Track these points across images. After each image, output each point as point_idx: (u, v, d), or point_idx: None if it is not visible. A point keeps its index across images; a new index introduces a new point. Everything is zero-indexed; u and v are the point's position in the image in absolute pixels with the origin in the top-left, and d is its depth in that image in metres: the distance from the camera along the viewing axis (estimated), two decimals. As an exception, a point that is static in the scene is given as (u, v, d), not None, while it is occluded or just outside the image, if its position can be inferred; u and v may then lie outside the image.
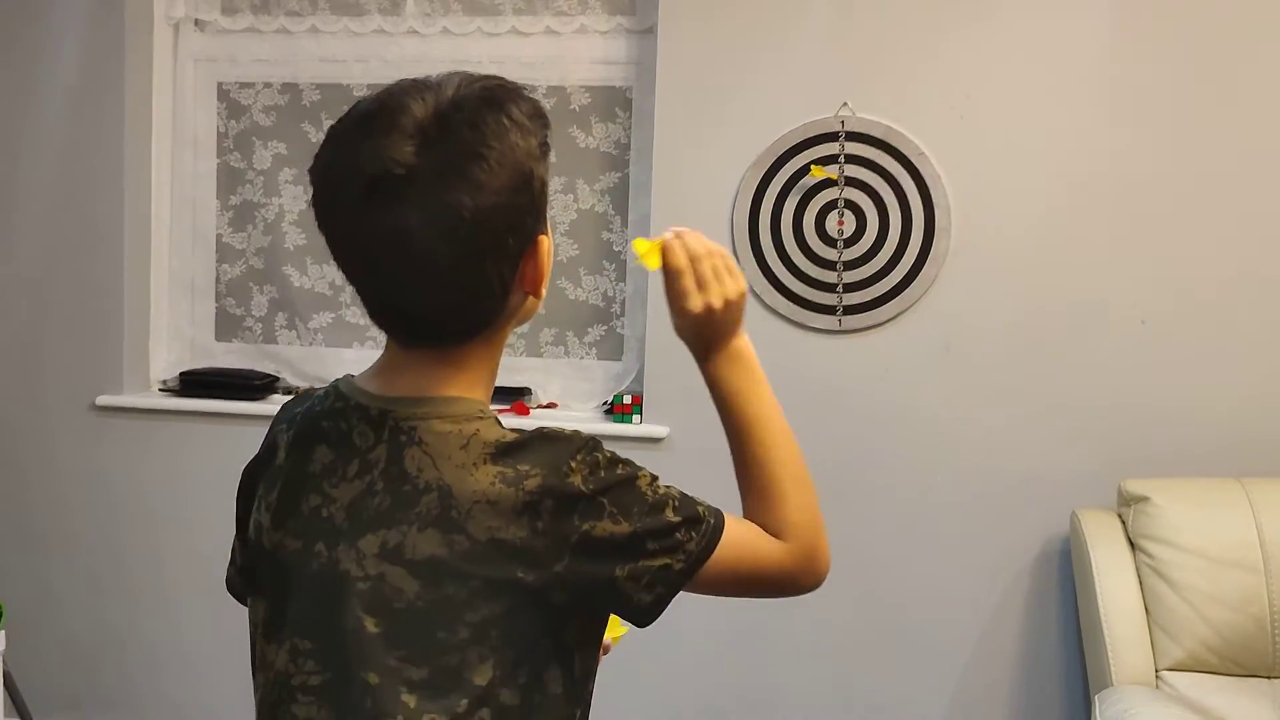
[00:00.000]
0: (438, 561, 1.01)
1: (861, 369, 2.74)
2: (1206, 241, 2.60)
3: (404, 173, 1.00)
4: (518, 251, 1.07)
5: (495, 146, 1.03)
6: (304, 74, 3.09)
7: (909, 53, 2.68)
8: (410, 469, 1.04)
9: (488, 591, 1.01)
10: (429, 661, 1.01)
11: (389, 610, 1.02)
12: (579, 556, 1.02)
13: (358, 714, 1.02)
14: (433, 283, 1.03)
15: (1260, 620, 2.29)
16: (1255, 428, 2.57)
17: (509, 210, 1.04)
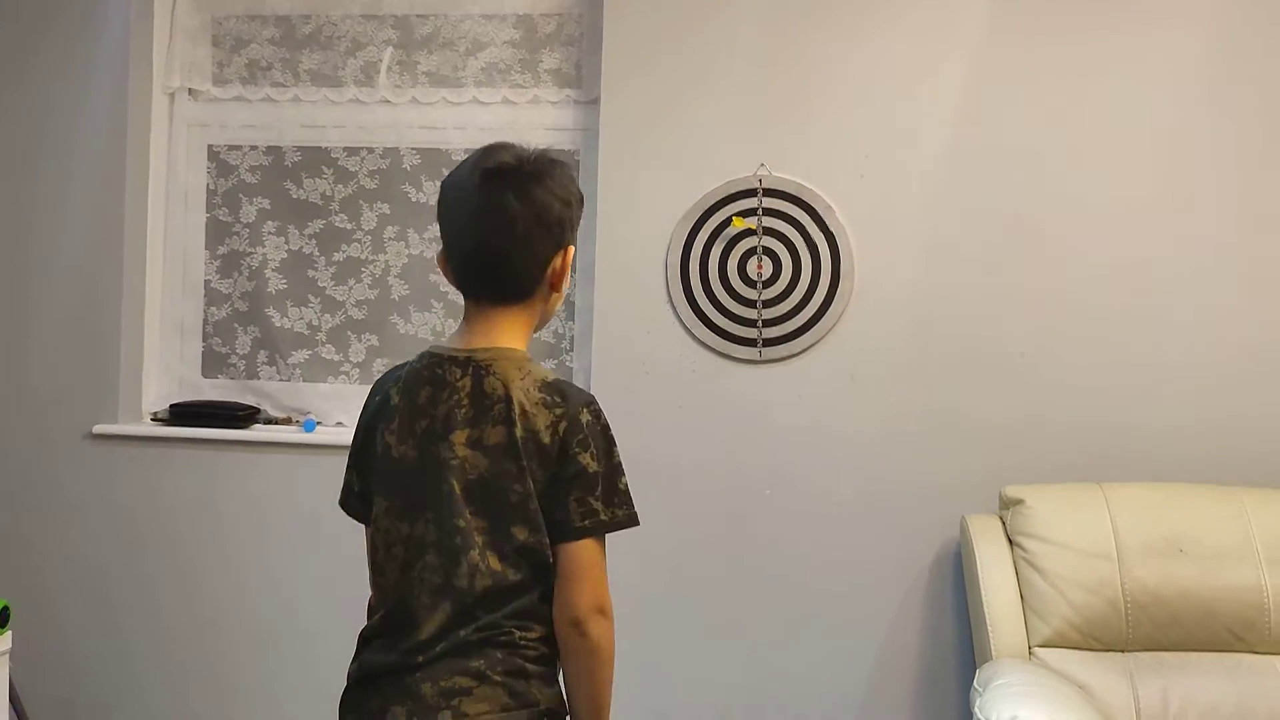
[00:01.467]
0: (501, 446, 1.59)
1: (779, 394, 3.10)
2: (1073, 283, 2.98)
3: (510, 165, 1.64)
4: (556, 245, 1.67)
5: (559, 177, 1.67)
6: (287, 137, 3.45)
7: (816, 120, 3.08)
8: (488, 389, 1.62)
9: (524, 474, 1.58)
10: (489, 515, 1.59)
11: (466, 479, 1.60)
12: (562, 468, 1.59)
13: (454, 553, 1.59)
14: (512, 241, 1.62)
15: (1114, 602, 2.64)
16: (1112, 443, 2.95)
17: (560, 214, 1.66)
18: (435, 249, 3.35)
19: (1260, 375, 2.93)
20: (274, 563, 3.30)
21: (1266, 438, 2.91)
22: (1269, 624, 2.61)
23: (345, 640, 3.23)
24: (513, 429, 1.59)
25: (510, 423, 1.59)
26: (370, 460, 1.72)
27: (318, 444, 3.29)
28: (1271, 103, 2.93)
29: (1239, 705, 2.55)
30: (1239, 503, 2.72)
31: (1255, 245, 2.94)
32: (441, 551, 1.62)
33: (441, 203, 1.70)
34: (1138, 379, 2.97)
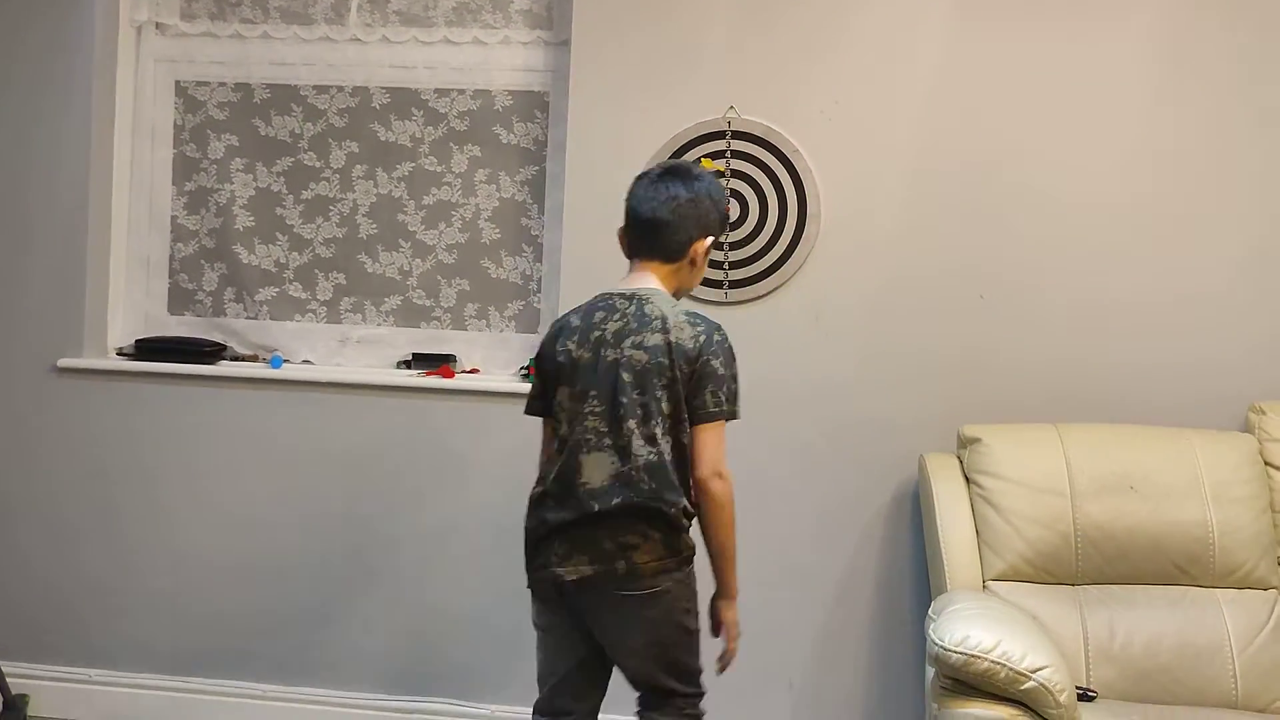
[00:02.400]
0: (657, 346, 2.21)
1: (745, 336, 3.09)
2: (1033, 225, 3.05)
3: (683, 165, 2.41)
4: (699, 232, 2.33)
5: (715, 189, 2.38)
6: (256, 74, 3.44)
7: (786, 65, 3.11)
8: (648, 312, 2.26)
9: (669, 370, 2.20)
10: (647, 395, 2.19)
11: (632, 369, 2.21)
12: (699, 367, 2.22)
13: (617, 423, 2.20)
14: (673, 217, 2.31)
15: (1066, 536, 2.72)
16: (1067, 383, 3.03)
17: (708, 210, 2.35)
18: (403, 189, 3.37)
19: (1210, 320, 3.01)
20: (241, 496, 3.32)
21: (1217, 381, 2.99)
22: (1213, 559, 2.70)
23: (307, 571, 3.29)
24: (666, 335, 2.22)
25: (665, 331, 2.22)
26: (552, 365, 2.31)
27: (285, 379, 3.31)
28: (1223, 60, 3.00)
29: (1181, 636, 2.64)
30: (1188, 443, 2.80)
31: (1208, 192, 3.01)
32: (607, 420, 2.21)
33: (632, 188, 2.38)
34: (1094, 322, 3.04)
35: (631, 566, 2.17)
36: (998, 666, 2.22)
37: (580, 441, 2.21)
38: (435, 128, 3.38)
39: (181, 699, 3.32)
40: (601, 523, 2.18)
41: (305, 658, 3.30)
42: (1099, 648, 2.63)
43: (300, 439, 3.29)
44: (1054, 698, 2.22)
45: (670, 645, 2.26)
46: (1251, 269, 3.00)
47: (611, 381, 2.21)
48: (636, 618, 2.21)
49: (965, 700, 2.29)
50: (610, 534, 2.18)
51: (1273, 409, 2.88)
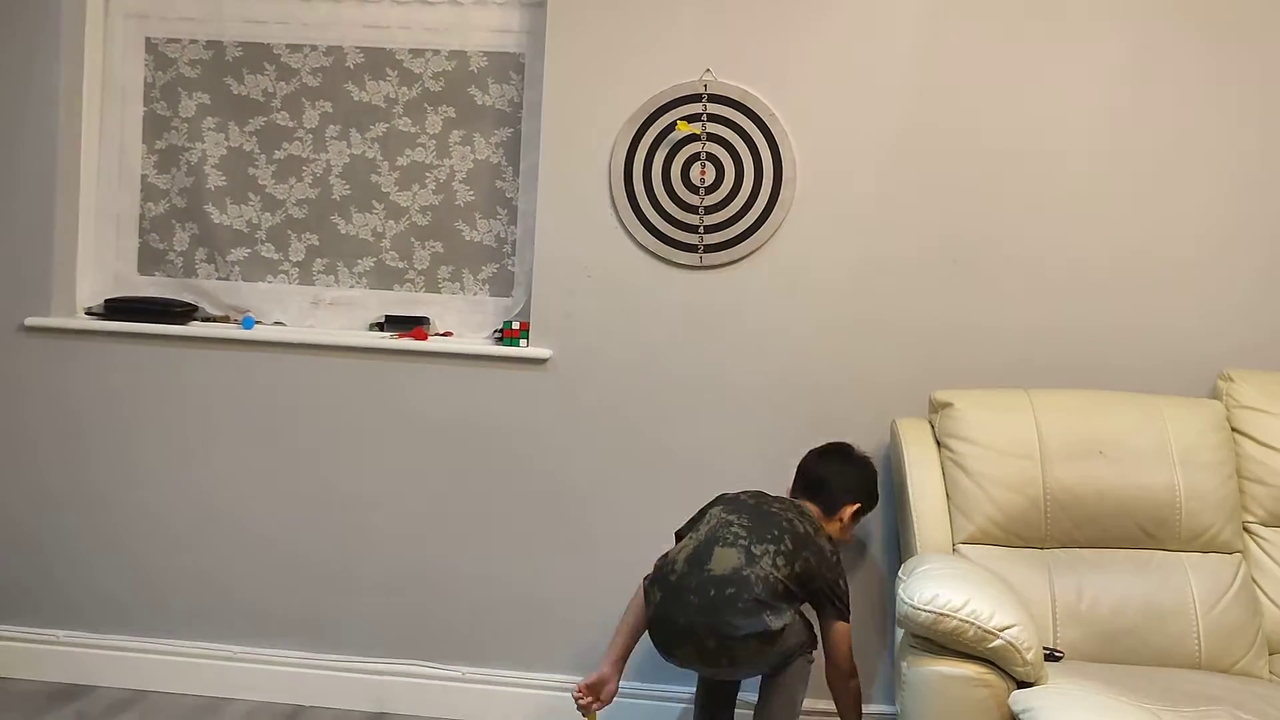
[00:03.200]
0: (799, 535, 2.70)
1: (720, 300, 3.15)
2: (1008, 192, 3.06)
3: (847, 446, 2.98)
4: (851, 499, 2.87)
5: (868, 470, 2.94)
6: (228, 32, 3.39)
7: (763, 28, 3.10)
8: (798, 510, 2.77)
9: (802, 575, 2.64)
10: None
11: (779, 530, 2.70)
12: (816, 584, 2.66)
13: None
14: (835, 481, 2.89)
15: (1036, 500, 2.74)
16: (1039, 349, 3.05)
17: (856, 484, 2.90)
18: (376, 150, 3.35)
19: (1180, 287, 3.03)
20: (212, 457, 3.30)
21: (1187, 348, 3.02)
22: (1179, 523, 2.73)
23: (278, 533, 3.27)
24: (810, 546, 2.70)
25: (811, 532, 2.74)
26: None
27: (257, 340, 3.28)
28: (1193, 27, 3.01)
29: (1147, 598, 2.67)
30: (1157, 409, 2.82)
31: (1179, 160, 3.03)
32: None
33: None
34: (1067, 289, 3.06)
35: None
36: (966, 625, 2.24)
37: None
38: (410, 88, 3.35)
39: (152, 660, 3.31)
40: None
41: (278, 618, 3.29)
42: (1066, 609, 2.66)
43: (272, 401, 3.27)
44: (1021, 655, 2.24)
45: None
46: (1221, 237, 3.03)
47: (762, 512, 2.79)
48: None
49: (934, 659, 2.30)
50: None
51: (1241, 376, 2.91)
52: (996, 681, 2.27)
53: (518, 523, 3.23)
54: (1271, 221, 3.02)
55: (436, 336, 3.32)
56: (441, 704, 3.24)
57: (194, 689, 3.29)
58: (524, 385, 3.19)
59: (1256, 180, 3.02)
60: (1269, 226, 3.02)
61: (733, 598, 2.49)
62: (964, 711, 2.26)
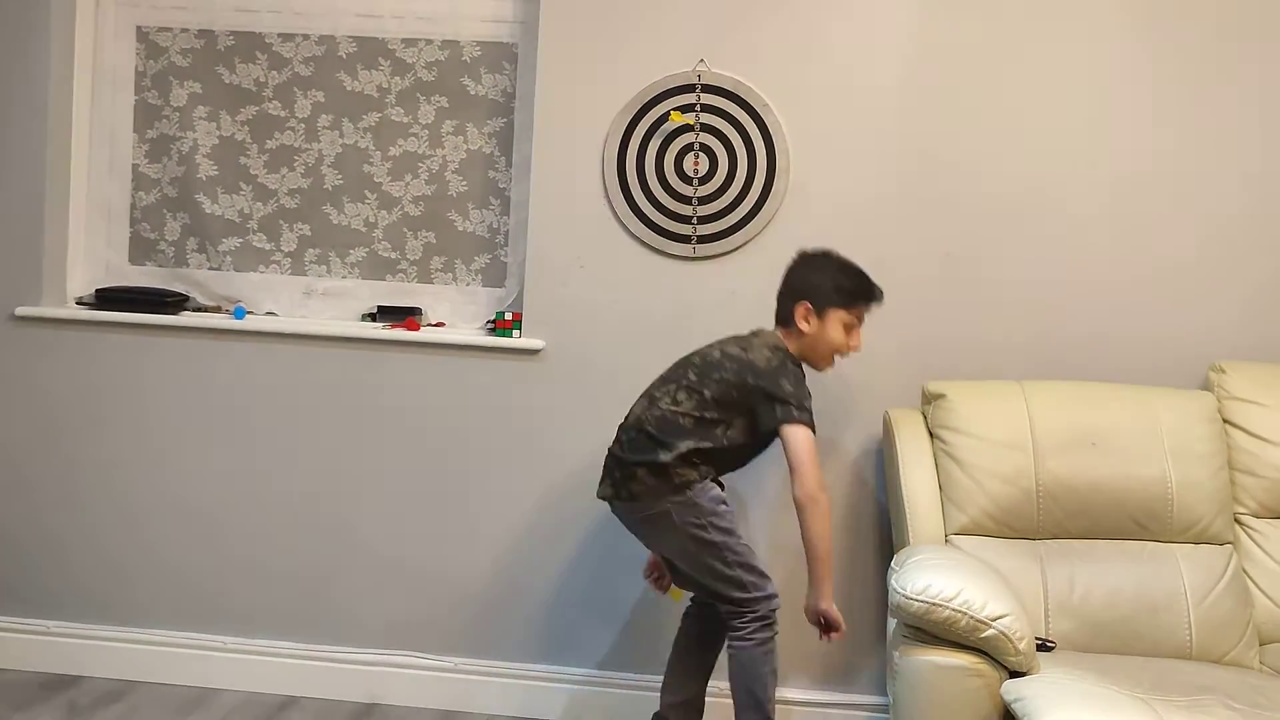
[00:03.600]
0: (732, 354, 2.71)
1: (713, 291, 3.15)
2: (1002, 185, 3.06)
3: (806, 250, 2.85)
4: (793, 299, 2.76)
5: (827, 268, 2.77)
6: (219, 21, 3.37)
7: (757, 18, 3.10)
8: (744, 334, 2.79)
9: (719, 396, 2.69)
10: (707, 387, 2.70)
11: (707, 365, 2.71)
12: (745, 394, 2.67)
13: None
14: (782, 289, 2.80)
15: (1028, 491, 2.75)
16: (1033, 342, 3.05)
17: (809, 281, 2.76)
18: (369, 140, 3.34)
19: (1174, 281, 3.04)
20: (203, 448, 3.29)
21: (1179, 341, 3.03)
22: (1171, 514, 2.73)
23: (268, 524, 3.26)
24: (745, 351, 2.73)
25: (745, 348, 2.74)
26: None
27: (248, 331, 3.27)
28: (1189, 33, 3.01)
29: (1139, 589, 2.68)
30: (1149, 401, 2.83)
31: (1173, 158, 3.03)
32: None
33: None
34: (1060, 283, 3.06)
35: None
36: (958, 614, 2.25)
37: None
38: (402, 78, 3.34)
39: (142, 650, 3.30)
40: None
41: (269, 609, 3.29)
42: (1059, 600, 2.66)
43: (264, 391, 3.26)
44: (1013, 645, 2.25)
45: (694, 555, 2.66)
46: (1215, 235, 3.03)
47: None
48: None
49: (926, 648, 2.31)
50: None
51: (1232, 368, 2.92)
52: (989, 671, 2.28)
53: (509, 513, 3.22)
54: (1265, 223, 3.02)
55: (429, 327, 3.31)
56: (432, 694, 3.24)
57: (184, 680, 3.28)
58: (517, 376, 3.19)
59: (1250, 182, 3.02)
60: (1262, 228, 3.02)
61: (632, 439, 2.69)
62: (956, 701, 2.26)
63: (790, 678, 3.14)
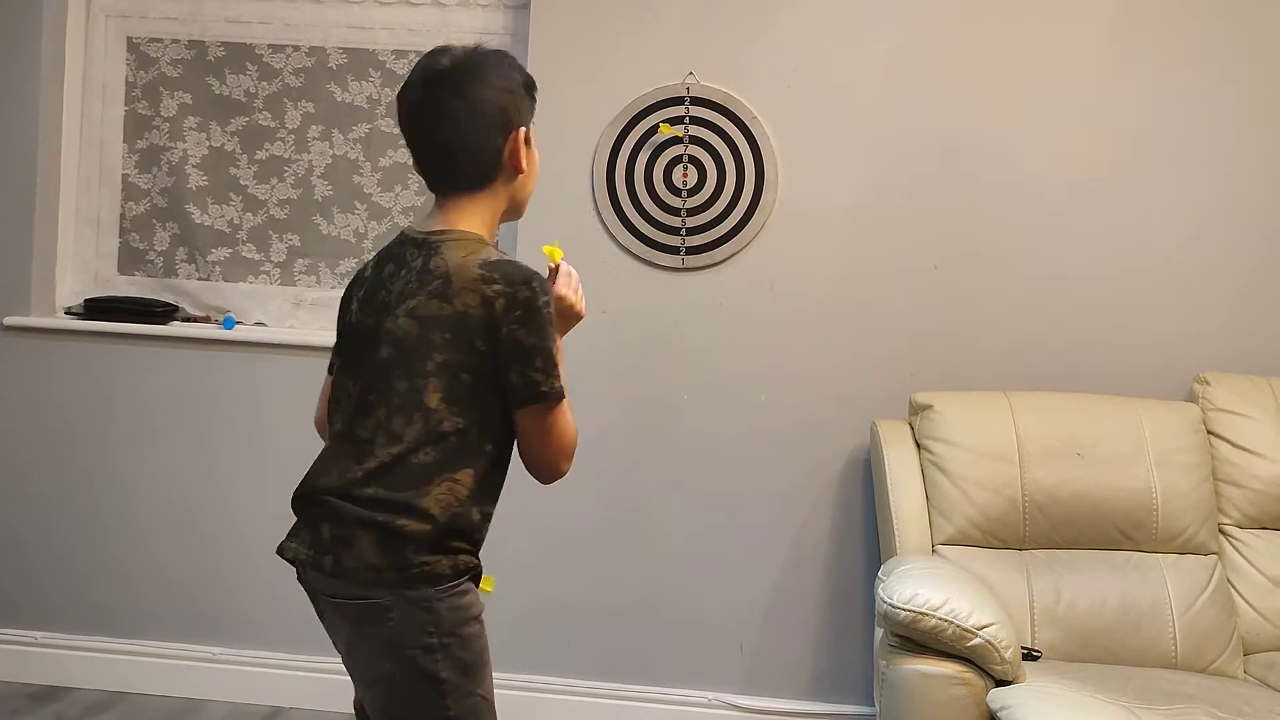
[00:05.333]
0: (431, 317, 1.66)
1: (701, 302, 3.16)
2: (988, 199, 3.08)
3: (445, 67, 1.74)
4: (504, 132, 1.74)
5: (495, 67, 1.76)
6: (210, 31, 3.39)
7: (745, 31, 3.12)
8: (432, 266, 1.69)
9: (448, 345, 1.65)
10: (407, 380, 1.67)
11: (398, 345, 1.68)
12: (503, 344, 1.64)
13: (391, 404, 1.68)
14: (455, 135, 1.72)
15: (1014, 501, 2.76)
16: (1019, 353, 3.07)
17: (501, 102, 1.74)
18: (359, 151, 3.35)
19: (1158, 293, 3.06)
20: (192, 458, 3.28)
21: (1164, 353, 3.05)
22: (1156, 524, 2.75)
23: (258, 534, 3.26)
24: (446, 304, 1.66)
25: (445, 297, 1.66)
26: (342, 324, 1.84)
27: (237, 341, 3.28)
28: (1177, 39, 3.04)
29: (1124, 599, 2.69)
30: (1134, 412, 2.85)
31: (1158, 168, 3.06)
32: (361, 407, 1.73)
33: (398, 115, 1.81)
34: (1046, 294, 3.08)
35: (338, 566, 1.69)
36: (945, 623, 2.26)
37: (349, 435, 1.74)
38: (392, 89, 3.35)
39: (131, 661, 3.29)
40: (346, 503, 1.70)
41: (257, 619, 3.28)
42: (1044, 610, 2.68)
43: (253, 401, 3.27)
44: (999, 654, 2.26)
45: (397, 691, 1.70)
46: (1199, 244, 3.06)
47: (377, 363, 1.71)
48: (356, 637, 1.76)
49: (913, 657, 2.32)
50: (339, 516, 1.70)
51: (1216, 379, 2.94)
52: (975, 680, 2.29)
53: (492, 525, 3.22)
54: (1249, 230, 3.05)
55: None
56: None
57: (173, 690, 3.28)
58: (506, 386, 3.19)
59: (1235, 189, 3.05)
60: (1247, 235, 3.05)
61: None
62: (943, 709, 2.28)
63: (776, 688, 3.15)
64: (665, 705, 3.16)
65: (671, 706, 3.15)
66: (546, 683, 3.20)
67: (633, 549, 3.17)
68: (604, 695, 3.19)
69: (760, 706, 3.14)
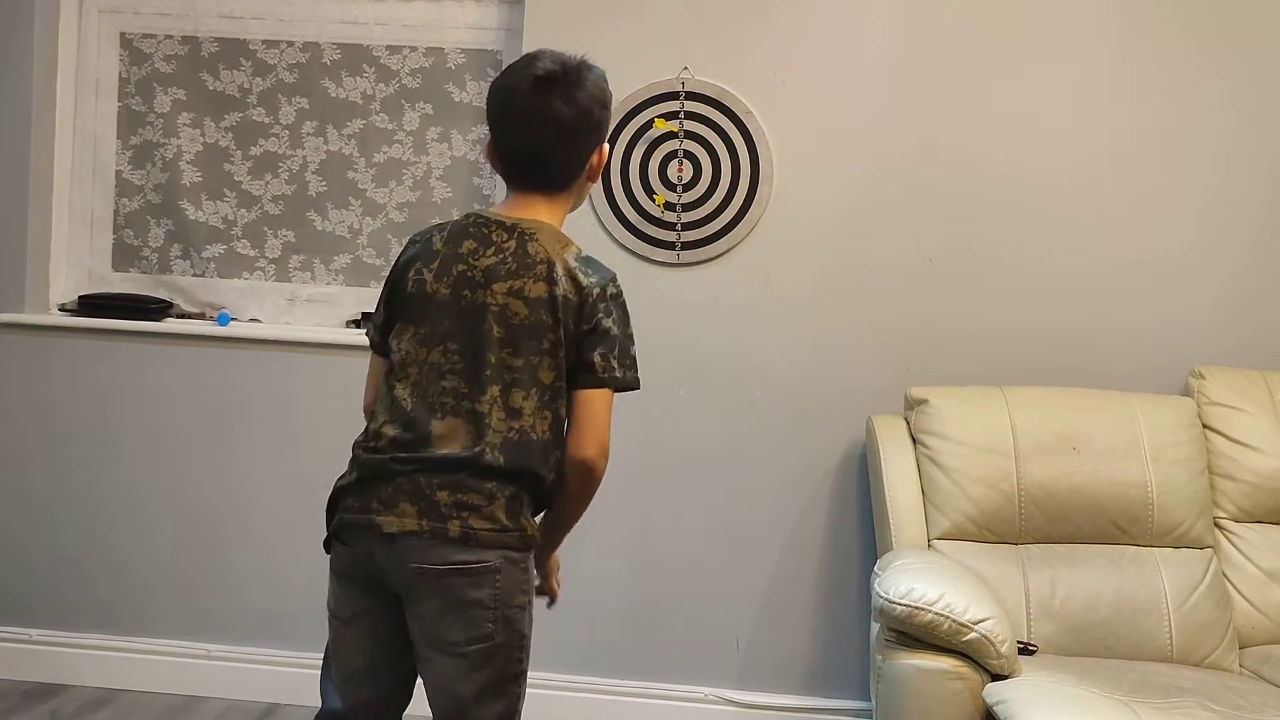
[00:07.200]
0: (541, 300, 1.79)
1: (696, 297, 3.15)
2: (983, 193, 3.08)
3: (556, 72, 1.86)
4: (596, 144, 1.91)
5: (597, 82, 1.91)
6: (204, 27, 3.37)
7: (740, 25, 3.11)
8: (531, 251, 1.82)
9: (558, 326, 1.79)
10: (520, 356, 1.79)
11: (508, 324, 1.79)
12: (589, 326, 1.81)
13: (482, 384, 1.78)
14: (559, 141, 1.86)
15: (1010, 495, 2.76)
16: (1015, 348, 3.07)
17: (600, 117, 1.90)
18: (353, 147, 3.34)
19: (1154, 287, 3.06)
20: (187, 455, 3.28)
21: (1160, 347, 3.05)
22: (1151, 518, 2.75)
23: (255, 530, 3.26)
24: (554, 286, 1.80)
25: (552, 281, 1.80)
26: (400, 295, 1.88)
27: (232, 337, 3.27)
28: (1172, 31, 3.04)
29: (1119, 593, 2.70)
30: (1129, 406, 2.85)
31: (1154, 162, 3.06)
32: (467, 379, 1.80)
33: (491, 104, 1.90)
34: (1041, 288, 3.08)
35: (466, 530, 1.75)
36: (941, 618, 2.26)
37: (428, 405, 1.79)
38: (387, 85, 3.35)
39: (126, 658, 3.29)
40: (443, 474, 1.77)
41: (253, 616, 3.28)
42: (1040, 604, 2.68)
43: (247, 398, 3.26)
44: (995, 649, 2.26)
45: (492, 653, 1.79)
46: (1194, 238, 3.06)
47: (481, 336, 1.80)
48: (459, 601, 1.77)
49: (909, 652, 2.32)
50: (450, 487, 1.76)
51: (1212, 373, 2.94)
52: (971, 674, 2.29)
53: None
54: (1244, 224, 3.05)
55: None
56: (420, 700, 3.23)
57: (169, 687, 3.27)
58: (501, 382, 3.19)
59: (1230, 183, 3.05)
60: (1242, 229, 3.05)
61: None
62: (939, 704, 2.28)
63: (772, 683, 3.15)
64: (661, 700, 3.16)
65: (667, 702, 3.15)
66: (542, 678, 3.19)
67: (627, 544, 3.17)
68: (599, 691, 3.19)
69: (756, 701, 3.14)
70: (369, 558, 1.81)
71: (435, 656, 1.80)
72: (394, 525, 1.77)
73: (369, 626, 1.87)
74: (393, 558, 1.78)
